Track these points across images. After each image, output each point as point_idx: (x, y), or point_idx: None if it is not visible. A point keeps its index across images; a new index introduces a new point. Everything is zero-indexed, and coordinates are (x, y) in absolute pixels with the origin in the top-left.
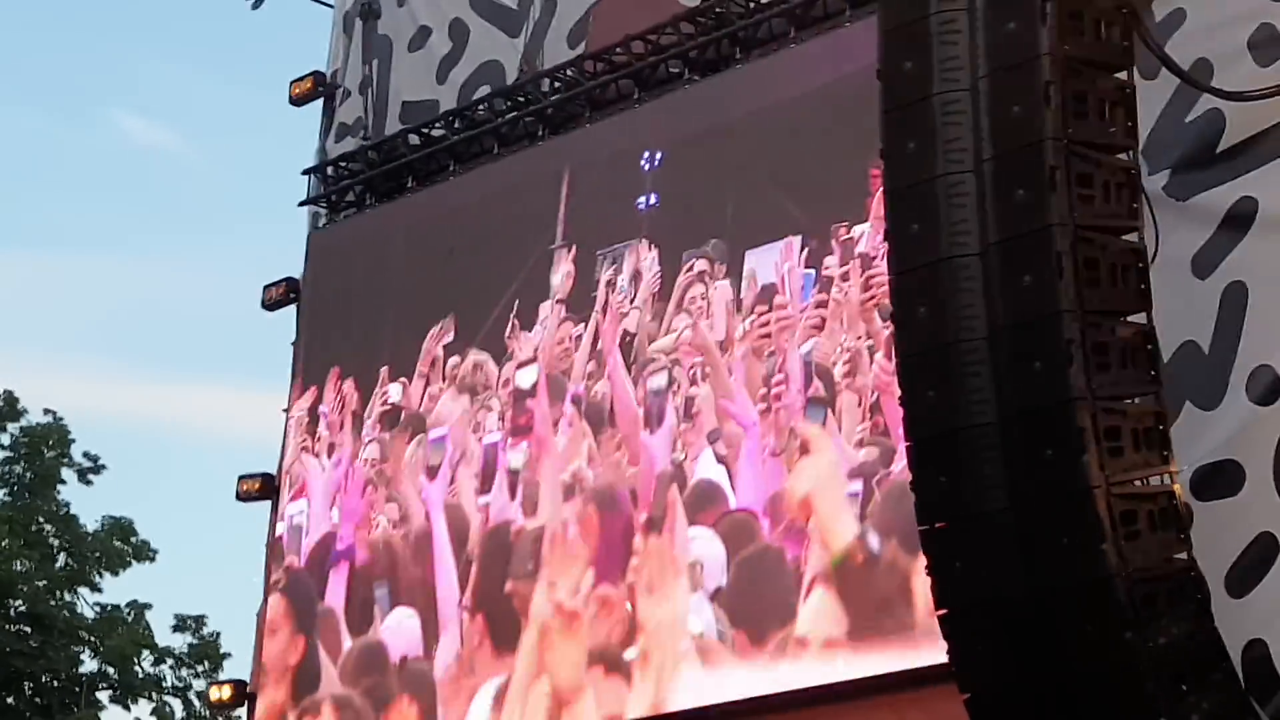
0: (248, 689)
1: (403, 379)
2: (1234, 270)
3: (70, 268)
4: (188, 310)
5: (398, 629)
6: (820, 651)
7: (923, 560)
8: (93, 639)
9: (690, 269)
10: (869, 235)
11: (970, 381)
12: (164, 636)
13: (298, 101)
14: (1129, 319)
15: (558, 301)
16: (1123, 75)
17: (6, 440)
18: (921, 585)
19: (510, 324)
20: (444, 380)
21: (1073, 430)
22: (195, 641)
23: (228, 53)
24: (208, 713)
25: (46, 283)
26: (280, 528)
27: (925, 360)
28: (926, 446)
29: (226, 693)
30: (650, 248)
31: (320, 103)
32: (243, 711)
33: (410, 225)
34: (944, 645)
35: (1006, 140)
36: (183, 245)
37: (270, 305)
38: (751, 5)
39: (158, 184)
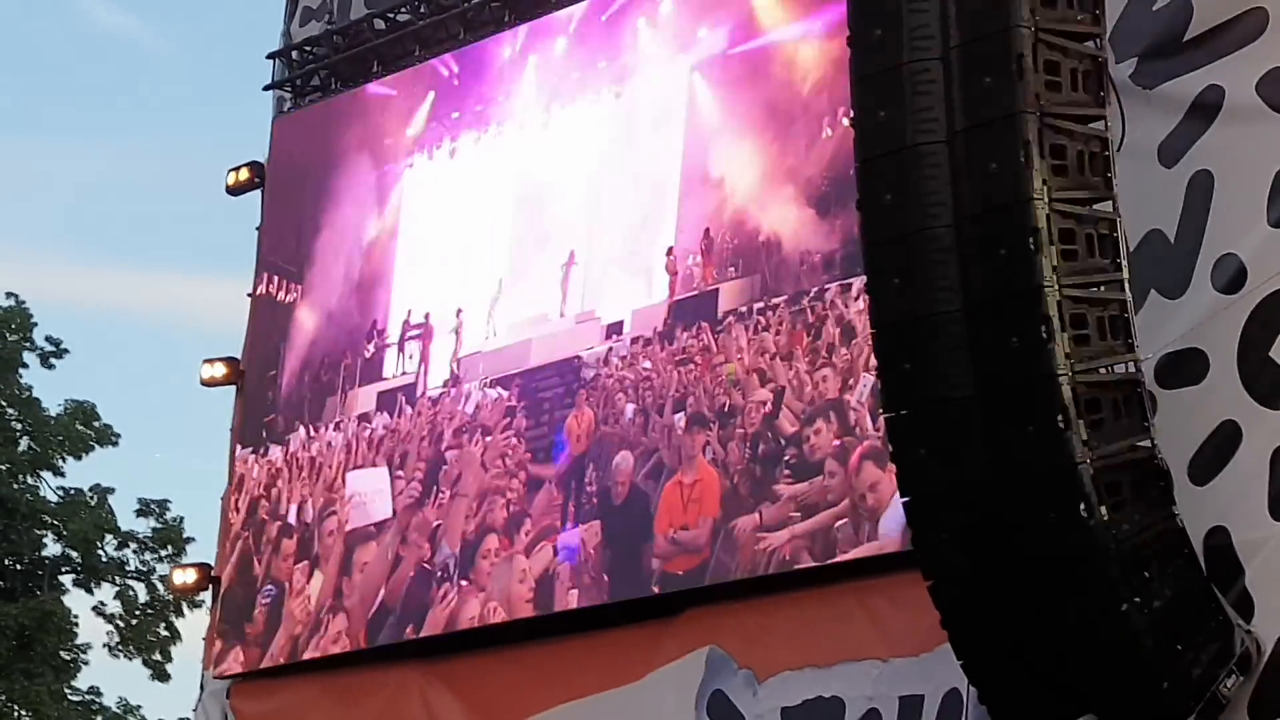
0: (212, 573)
1: None
2: (1200, 159)
3: (33, 153)
4: (152, 196)
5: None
6: None
7: None
8: (55, 523)
9: None
10: None
11: (936, 269)
12: (127, 521)
13: None
14: (1095, 207)
15: None
16: None
17: None
18: None
19: None
20: None
21: (1038, 317)
22: (159, 526)
23: None
24: (171, 597)
25: (8, 168)
26: None
27: (891, 248)
28: (891, 334)
29: (191, 576)
30: None
31: None
32: (207, 595)
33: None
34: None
35: (973, 27)
36: (147, 130)
37: (234, 190)
38: None
39: (122, 68)
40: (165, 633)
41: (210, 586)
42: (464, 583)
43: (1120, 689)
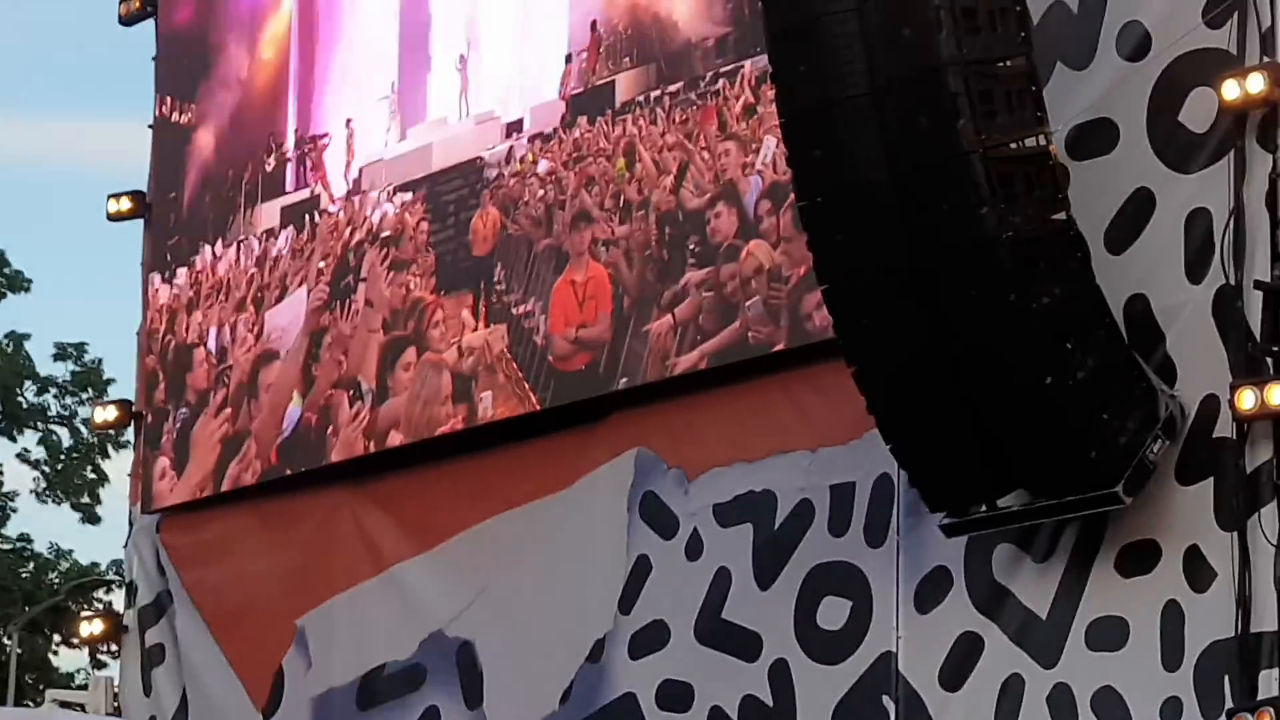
0: (133, 409)
1: None
2: None
3: None
4: (44, 40)
5: None
6: None
7: None
8: None
9: None
10: None
11: (841, 54)
12: (45, 366)
13: None
14: None
15: None
16: None
17: None
18: None
19: None
20: None
21: (945, 96)
22: (78, 369)
23: None
24: (96, 439)
25: None
26: None
27: (795, 35)
28: (800, 121)
29: (112, 414)
30: None
31: None
32: (131, 433)
33: None
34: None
35: None
36: None
37: (127, 20)
38: None
39: None
40: (92, 475)
41: (133, 423)
42: (381, 397)
43: (1048, 461)
